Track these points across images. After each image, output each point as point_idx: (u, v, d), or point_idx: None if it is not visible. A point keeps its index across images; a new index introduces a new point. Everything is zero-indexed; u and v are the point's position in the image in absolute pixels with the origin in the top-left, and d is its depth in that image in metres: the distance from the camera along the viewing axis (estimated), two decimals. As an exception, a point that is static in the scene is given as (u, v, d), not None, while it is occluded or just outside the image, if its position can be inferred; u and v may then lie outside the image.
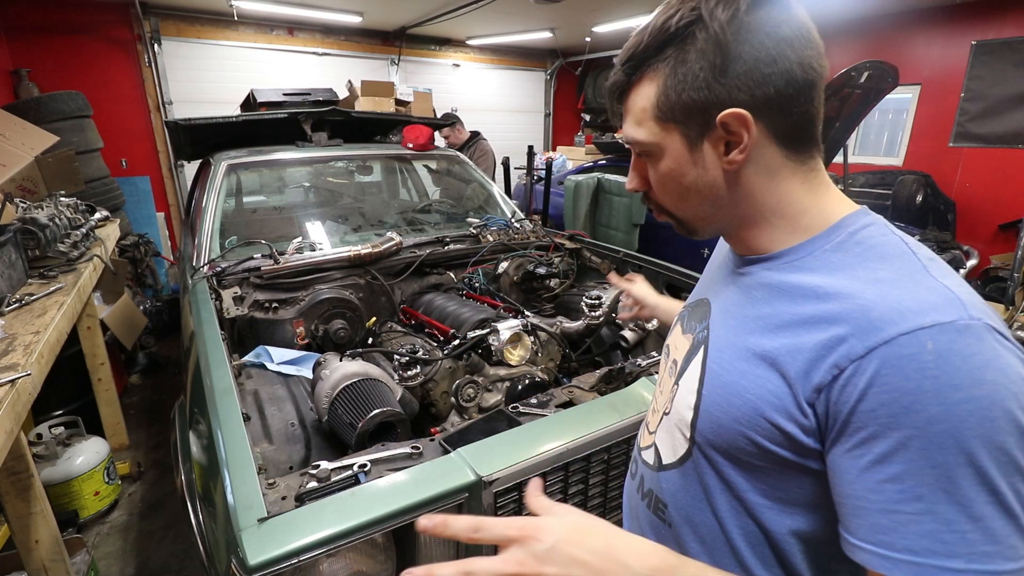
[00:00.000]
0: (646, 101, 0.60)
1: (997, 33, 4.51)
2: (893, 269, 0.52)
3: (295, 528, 0.85)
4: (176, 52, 5.28)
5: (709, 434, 0.61)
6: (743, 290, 0.64)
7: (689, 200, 0.63)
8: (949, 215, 4.77)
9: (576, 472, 1.12)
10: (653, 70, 0.58)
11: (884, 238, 0.56)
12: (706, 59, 0.54)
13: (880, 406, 0.46)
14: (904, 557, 0.46)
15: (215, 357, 1.33)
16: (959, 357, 0.44)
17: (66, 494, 2.25)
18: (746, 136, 0.56)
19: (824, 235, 0.58)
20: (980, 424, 0.43)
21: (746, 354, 0.58)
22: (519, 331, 1.60)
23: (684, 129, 0.58)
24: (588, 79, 8.03)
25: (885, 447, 0.46)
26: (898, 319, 0.47)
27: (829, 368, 0.49)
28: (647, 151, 0.62)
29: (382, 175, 3.45)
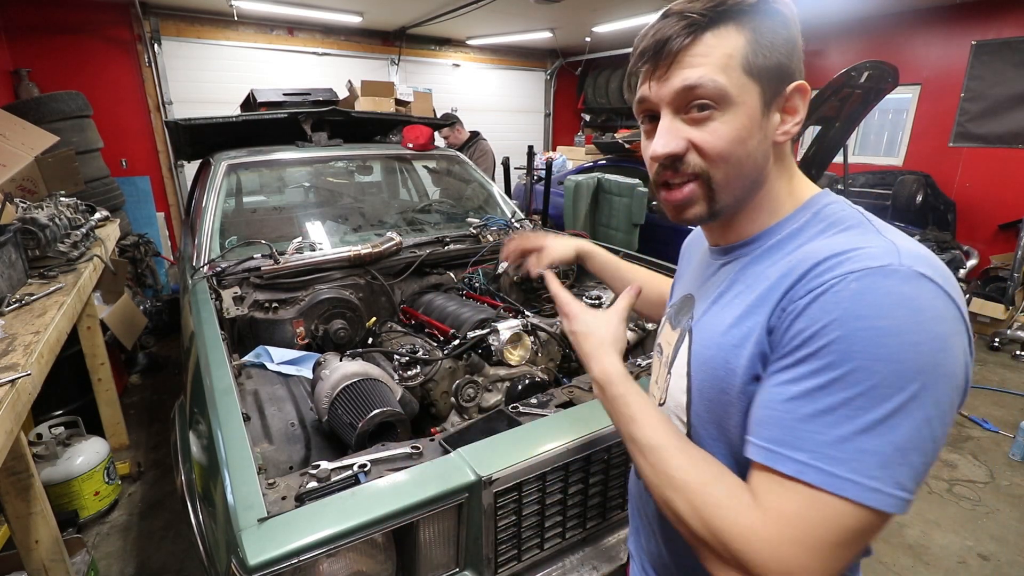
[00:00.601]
0: (732, 48, 0.58)
1: (997, 33, 4.51)
2: (848, 235, 0.57)
3: (295, 528, 0.85)
4: (176, 52, 5.28)
5: (703, 411, 0.65)
6: (720, 276, 0.69)
7: (745, 167, 0.61)
8: (949, 215, 4.77)
9: (576, 472, 1.12)
10: (739, 23, 0.58)
11: (843, 212, 0.61)
12: (787, 30, 0.59)
13: (798, 332, 0.52)
14: (764, 444, 0.53)
15: (215, 357, 1.33)
16: (874, 294, 0.49)
17: (66, 494, 2.25)
18: (801, 110, 0.61)
19: (793, 216, 0.64)
20: (872, 348, 0.47)
21: (728, 328, 0.61)
22: (519, 331, 1.60)
23: (763, 88, 0.59)
24: (588, 79, 8.03)
25: (788, 361, 0.52)
26: (837, 266, 0.52)
27: (778, 312, 0.55)
28: (719, 100, 0.58)
29: (382, 175, 3.45)
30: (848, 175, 4.31)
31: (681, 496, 0.57)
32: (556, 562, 1.16)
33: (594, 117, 8.46)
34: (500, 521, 1.04)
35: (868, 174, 5.15)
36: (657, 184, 0.67)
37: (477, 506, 1.00)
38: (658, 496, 0.60)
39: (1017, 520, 2.41)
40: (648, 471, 0.61)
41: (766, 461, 0.52)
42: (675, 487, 0.57)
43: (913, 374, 0.47)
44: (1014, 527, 2.36)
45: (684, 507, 0.56)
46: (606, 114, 8.21)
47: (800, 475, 0.49)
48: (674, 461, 0.59)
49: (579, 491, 1.15)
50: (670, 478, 0.58)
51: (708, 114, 0.59)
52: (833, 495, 0.48)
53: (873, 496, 0.47)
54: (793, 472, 0.50)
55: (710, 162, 0.60)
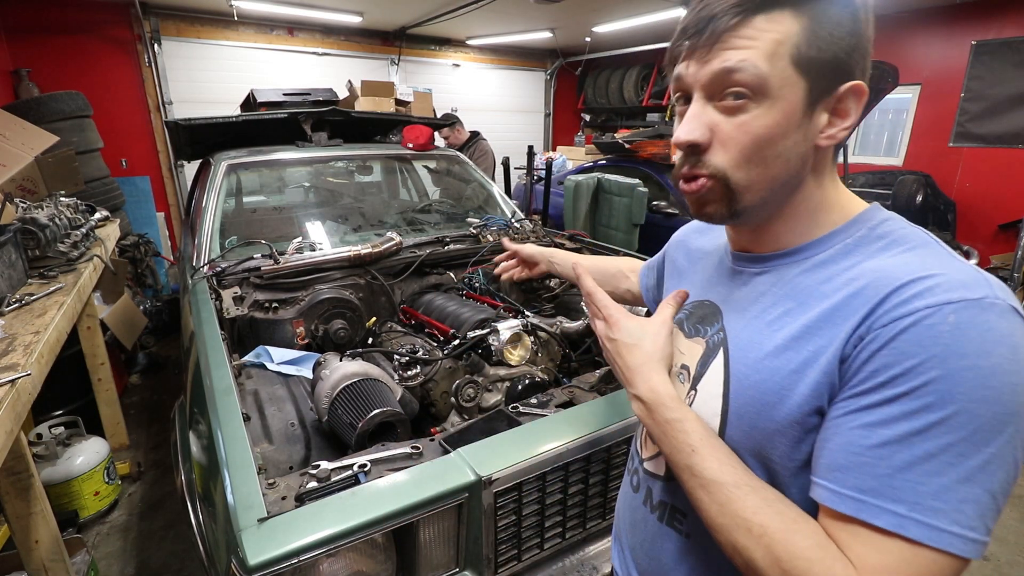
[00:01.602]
0: (784, 36, 0.52)
1: (997, 33, 4.50)
2: (919, 255, 0.52)
3: (295, 528, 0.85)
4: (176, 52, 5.27)
5: (741, 437, 0.59)
6: (759, 287, 0.62)
7: (769, 168, 0.55)
8: (949, 215, 4.77)
9: (576, 472, 1.12)
10: (797, 7, 0.52)
11: (904, 231, 0.56)
12: (851, 21, 0.53)
13: (883, 367, 0.47)
14: (850, 494, 0.48)
15: (215, 357, 1.33)
16: (976, 330, 0.45)
17: (66, 494, 2.25)
18: (853, 113, 0.55)
19: (844, 229, 0.58)
20: (976, 390, 0.44)
21: (776, 351, 0.56)
22: (519, 331, 1.60)
23: (811, 84, 0.53)
24: (588, 79, 8.03)
25: (874, 399, 0.47)
26: (926, 294, 0.47)
27: (855, 339, 0.50)
28: (760, 90, 0.53)
29: (382, 175, 3.45)
30: (848, 175, 4.32)
31: (759, 543, 0.51)
32: (556, 562, 1.16)
33: (594, 117, 8.46)
34: (500, 521, 1.04)
35: (868, 174, 5.15)
36: (677, 175, 0.61)
37: (477, 506, 1.00)
38: (725, 540, 0.54)
39: (1017, 520, 2.41)
40: (713, 510, 0.55)
41: (855, 513, 0.47)
42: (751, 532, 0.51)
43: (1010, 416, 0.44)
44: (1014, 527, 2.36)
45: (762, 556, 0.50)
46: (606, 114, 8.21)
47: (900, 529, 0.45)
48: (749, 502, 0.53)
49: (579, 491, 1.15)
50: (746, 521, 0.52)
51: (742, 104, 0.54)
52: (934, 549, 0.44)
53: (971, 547, 0.44)
54: (891, 527, 0.45)
55: (731, 160, 0.55)
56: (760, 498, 0.53)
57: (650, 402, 0.63)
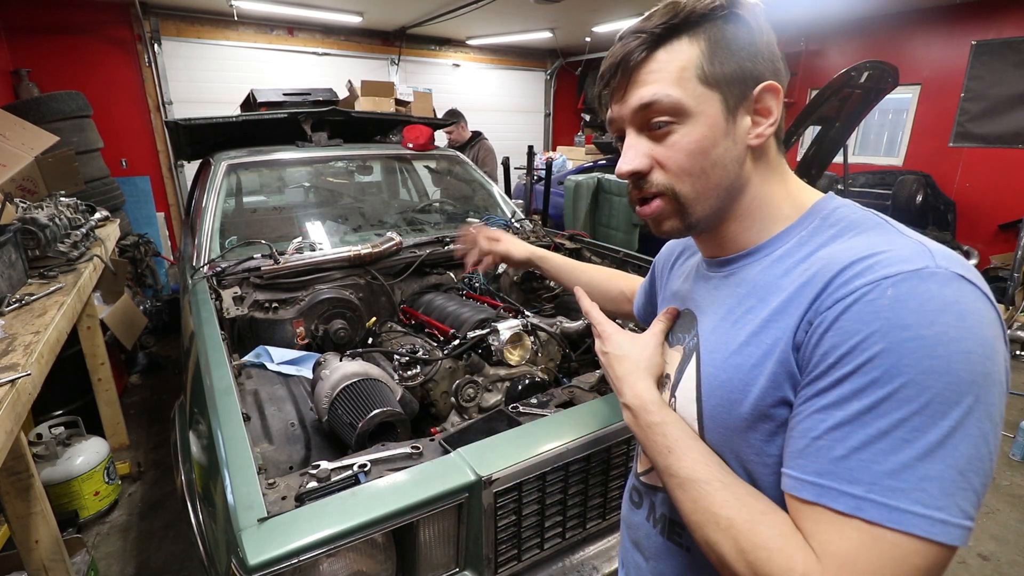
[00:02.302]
0: (686, 61, 0.58)
1: (997, 33, 4.51)
2: (866, 237, 0.53)
3: (295, 528, 0.85)
4: (176, 52, 5.28)
5: (717, 439, 0.60)
6: (725, 290, 0.65)
7: (712, 176, 0.60)
8: (949, 215, 4.77)
9: (576, 472, 1.12)
10: (694, 33, 0.58)
11: (856, 215, 0.58)
12: (748, 34, 0.58)
13: (831, 348, 0.47)
14: (810, 479, 0.48)
15: (215, 357, 1.33)
16: (916, 301, 0.45)
17: (66, 494, 2.25)
18: (775, 110, 0.59)
19: (799, 223, 0.61)
20: (923, 360, 0.43)
21: (741, 348, 0.58)
22: (519, 331, 1.60)
23: (724, 95, 0.58)
24: (588, 79, 8.03)
25: (825, 382, 0.48)
26: (866, 271, 0.48)
27: (804, 325, 0.51)
28: (679, 113, 0.58)
29: (382, 175, 3.45)
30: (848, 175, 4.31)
31: (726, 537, 0.52)
32: (556, 562, 1.16)
33: (594, 117, 8.45)
34: (500, 521, 1.04)
35: (868, 174, 5.15)
36: (632, 201, 0.67)
37: (477, 506, 1.00)
38: (699, 537, 0.55)
39: (1017, 520, 2.41)
40: (688, 507, 0.56)
41: (814, 497, 0.47)
42: (719, 526, 0.52)
43: (967, 385, 0.43)
44: (1014, 527, 2.36)
45: (729, 549, 0.51)
46: (606, 114, 8.21)
47: (857, 511, 0.44)
48: (718, 497, 0.54)
49: (579, 491, 1.15)
50: (714, 516, 0.53)
51: (668, 129, 0.59)
52: (897, 531, 0.43)
53: (941, 529, 0.42)
54: (848, 508, 0.45)
55: (674, 177, 0.61)
56: (730, 493, 0.54)
57: (635, 408, 0.65)
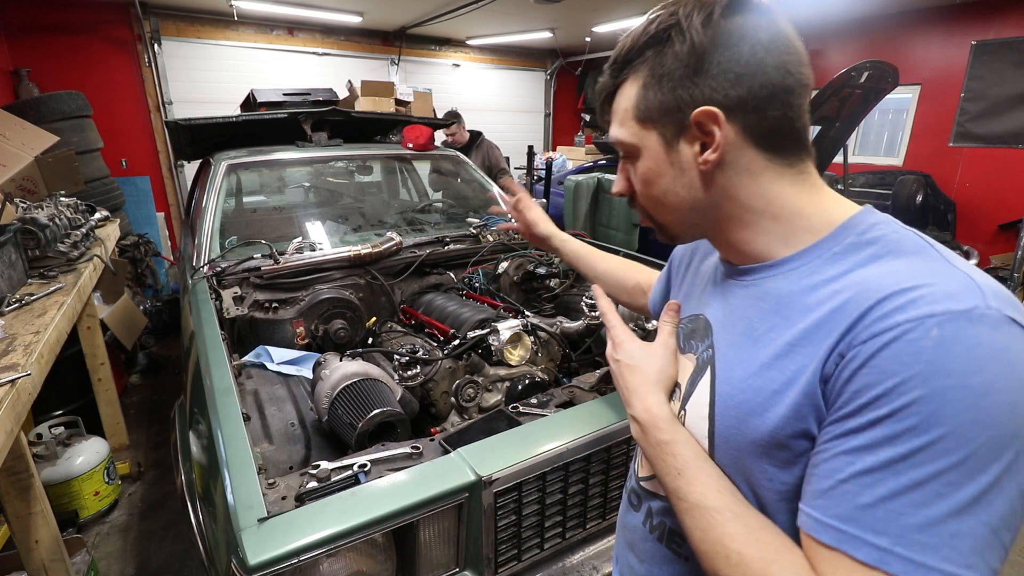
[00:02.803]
0: (628, 102, 0.61)
1: (997, 33, 4.50)
2: (908, 263, 0.49)
3: (295, 528, 0.85)
4: (176, 52, 5.27)
5: (728, 461, 0.58)
6: (746, 301, 0.61)
7: (667, 202, 0.63)
8: (949, 215, 4.77)
9: (576, 472, 1.12)
10: (635, 72, 0.60)
11: (897, 235, 0.53)
12: (681, 60, 0.56)
13: (864, 387, 0.44)
14: (832, 523, 0.45)
15: (215, 357, 1.33)
16: (963, 346, 0.42)
17: (66, 494, 2.25)
18: (718, 134, 0.56)
19: (831, 237, 0.56)
20: (966, 411, 0.41)
21: (761, 370, 0.55)
22: (519, 331, 1.60)
23: (661, 129, 0.59)
24: (588, 79, 8.03)
25: (856, 423, 0.45)
26: (908, 306, 0.44)
27: (835, 358, 0.47)
28: (628, 152, 0.64)
29: (382, 175, 3.45)
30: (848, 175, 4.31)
31: (736, 572, 0.50)
32: (556, 562, 1.16)
33: (594, 117, 8.45)
34: (500, 521, 1.04)
35: (868, 174, 5.15)
36: None
37: (477, 506, 1.00)
38: (708, 566, 0.53)
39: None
40: (697, 535, 0.54)
41: (835, 542, 0.45)
42: (730, 561, 0.50)
43: (1010, 439, 0.41)
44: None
45: None
46: (606, 114, 8.21)
47: (881, 564, 0.42)
48: (729, 528, 0.52)
49: (579, 491, 1.15)
50: (724, 549, 0.51)
51: (628, 161, 0.65)
52: None
53: None
54: (872, 560, 0.42)
55: (643, 200, 0.65)
56: (743, 525, 0.52)
57: (644, 423, 0.63)
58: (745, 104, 0.55)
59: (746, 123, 0.56)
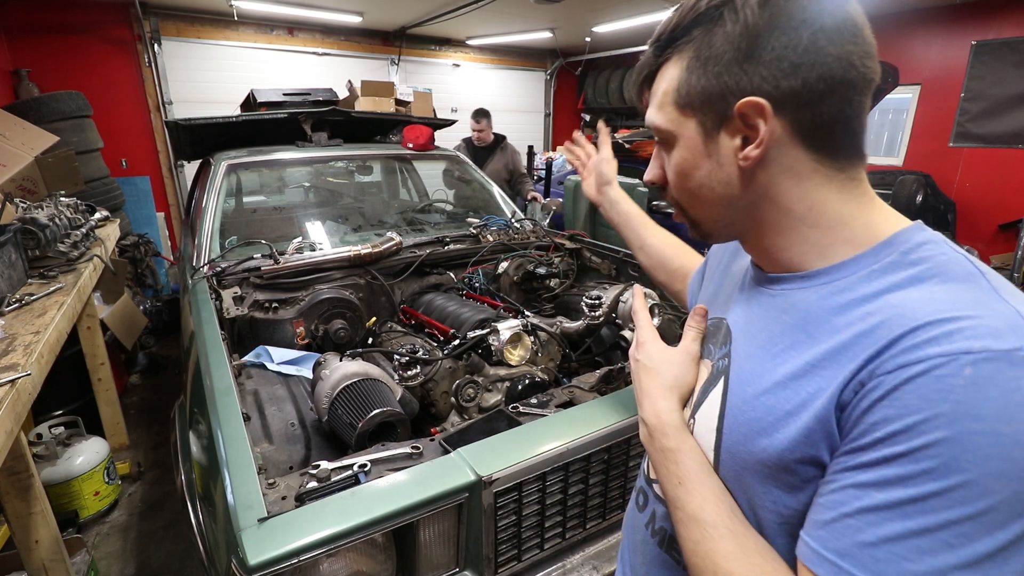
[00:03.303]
0: (669, 84, 0.56)
1: (997, 33, 4.50)
2: (952, 290, 0.45)
3: (295, 528, 0.86)
4: (176, 52, 5.27)
5: (731, 478, 0.56)
6: (770, 312, 0.57)
7: (701, 197, 0.58)
8: (949, 215, 4.77)
9: (576, 472, 1.12)
10: (679, 52, 0.55)
11: (946, 257, 0.48)
12: (731, 43, 0.50)
13: (883, 420, 0.41)
14: (830, 556, 0.43)
15: (215, 357, 1.33)
16: (998, 389, 0.38)
17: (66, 494, 2.25)
18: (763, 128, 0.51)
19: (872, 252, 0.51)
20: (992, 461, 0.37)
21: (775, 388, 0.52)
22: (519, 331, 1.60)
23: (701, 117, 0.55)
24: (588, 79, 8.03)
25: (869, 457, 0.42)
26: (943, 339, 0.40)
27: (855, 385, 0.44)
28: (664, 139, 0.59)
29: (382, 175, 3.45)
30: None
31: None
32: (556, 562, 1.16)
33: (594, 117, 8.44)
34: (500, 521, 1.04)
35: (868, 174, 5.08)
36: None
37: (477, 506, 1.00)
38: None
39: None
40: (689, 547, 0.54)
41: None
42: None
43: None
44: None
45: None
46: (606, 114, 8.21)
47: None
48: (722, 545, 0.50)
49: (579, 491, 1.15)
50: (714, 565, 0.50)
51: (664, 148, 0.60)
52: None
53: None
54: None
55: (675, 192, 0.61)
56: (737, 544, 0.50)
57: (652, 427, 0.62)
58: (798, 97, 0.49)
59: (796, 119, 0.50)
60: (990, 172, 4.70)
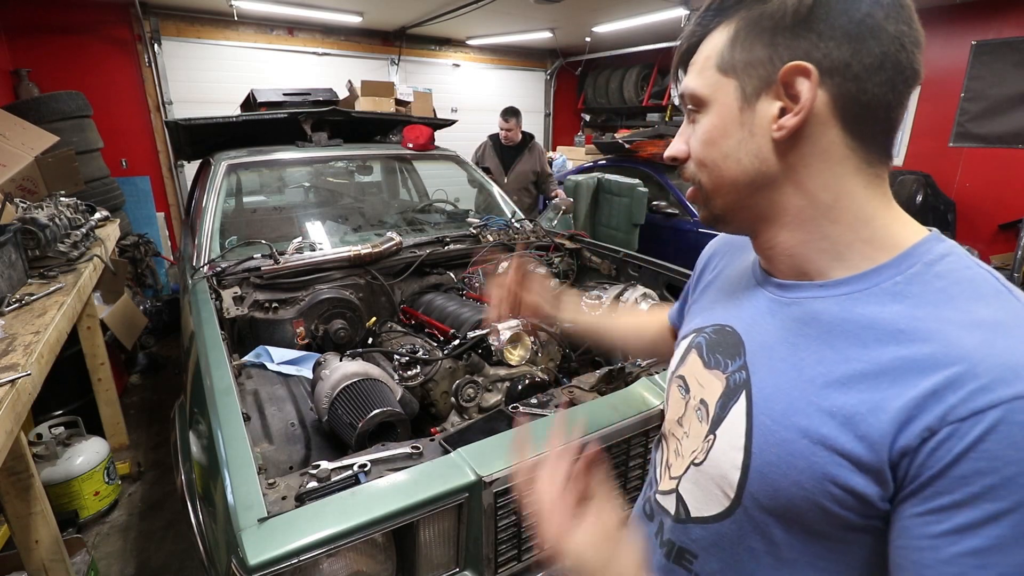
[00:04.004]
0: (712, 50, 0.55)
1: (997, 33, 4.50)
2: (992, 310, 0.44)
3: (295, 528, 0.86)
4: (176, 52, 5.27)
5: (763, 498, 0.53)
6: (788, 324, 0.55)
7: (724, 169, 0.55)
8: (949, 215, 4.77)
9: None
10: (728, 20, 0.54)
11: (970, 271, 0.48)
12: (786, 8, 0.49)
13: (975, 474, 0.40)
14: None
15: (215, 357, 1.33)
16: None
17: (66, 494, 2.25)
18: (806, 95, 0.49)
19: (894, 263, 0.50)
20: None
21: (808, 408, 0.50)
22: (519, 331, 1.60)
23: (743, 80, 0.52)
24: (588, 79, 8.03)
25: (972, 517, 0.41)
26: (1012, 378, 0.40)
27: (921, 431, 0.43)
28: (697, 105, 0.57)
29: (382, 175, 3.45)
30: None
31: None
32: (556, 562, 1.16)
33: (594, 117, 8.45)
34: (500, 521, 1.04)
35: (868, 174, 5.15)
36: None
37: (477, 506, 1.00)
38: None
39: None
40: None
41: None
42: None
43: None
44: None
45: None
46: (606, 114, 8.21)
47: None
48: None
49: (579, 491, 1.14)
50: None
51: (694, 117, 0.58)
52: None
53: None
54: None
55: (695, 165, 0.58)
56: None
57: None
58: (847, 69, 0.48)
59: (840, 92, 0.49)
60: (990, 172, 4.70)
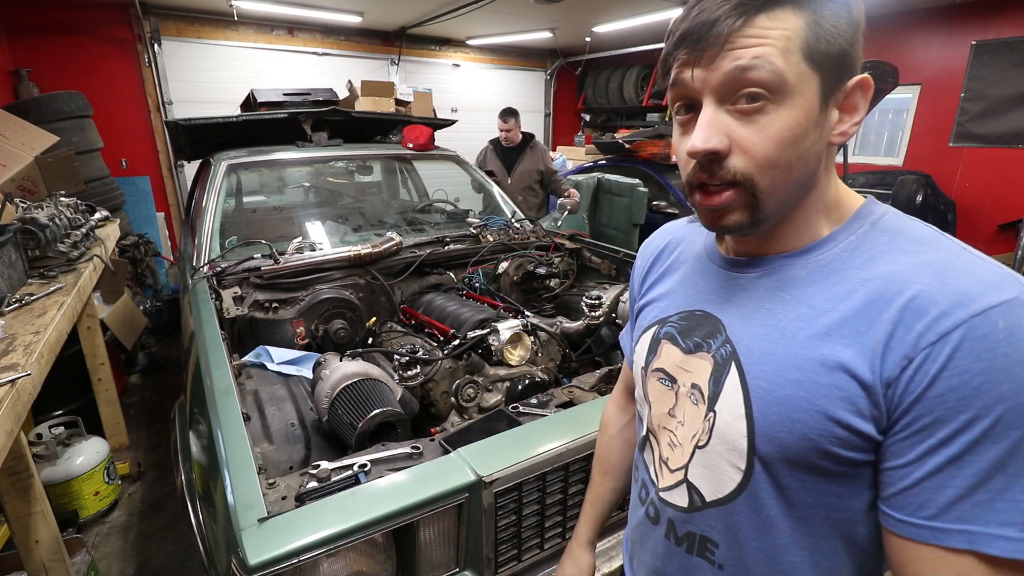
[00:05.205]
0: (791, 32, 0.49)
1: (997, 33, 4.50)
2: (934, 253, 0.51)
3: (295, 528, 0.86)
4: (176, 52, 5.27)
5: (773, 459, 0.55)
6: (763, 292, 0.59)
7: (794, 171, 0.53)
8: (949, 215, 4.77)
9: (576, 472, 1.12)
10: (797, 3, 0.50)
11: (907, 223, 0.55)
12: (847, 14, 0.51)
13: (949, 390, 0.45)
14: (956, 527, 0.45)
15: (215, 357, 1.33)
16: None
17: (66, 494, 2.25)
18: (862, 108, 0.53)
19: (847, 226, 0.56)
20: None
21: (798, 362, 0.53)
22: (519, 331, 1.60)
23: (826, 79, 0.51)
24: (588, 79, 8.03)
25: (950, 430, 0.45)
26: (966, 301, 0.46)
27: (900, 360, 0.47)
28: (777, 89, 0.50)
29: (382, 175, 3.45)
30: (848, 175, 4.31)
31: None
32: (556, 562, 1.16)
33: (594, 117, 8.45)
34: (500, 521, 1.04)
35: (868, 174, 5.15)
36: (692, 185, 0.56)
37: (477, 506, 1.00)
38: None
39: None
40: None
41: (967, 544, 0.45)
42: None
43: None
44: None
45: None
46: (606, 114, 8.21)
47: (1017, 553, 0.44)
48: None
49: (579, 491, 1.15)
50: None
51: (760, 106, 0.50)
52: None
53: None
54: (1009, 552, 0.44)
55: (756, 166, 0.52)
56: None
57: None
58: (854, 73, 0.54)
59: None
60: (990, 172, 4.70)
